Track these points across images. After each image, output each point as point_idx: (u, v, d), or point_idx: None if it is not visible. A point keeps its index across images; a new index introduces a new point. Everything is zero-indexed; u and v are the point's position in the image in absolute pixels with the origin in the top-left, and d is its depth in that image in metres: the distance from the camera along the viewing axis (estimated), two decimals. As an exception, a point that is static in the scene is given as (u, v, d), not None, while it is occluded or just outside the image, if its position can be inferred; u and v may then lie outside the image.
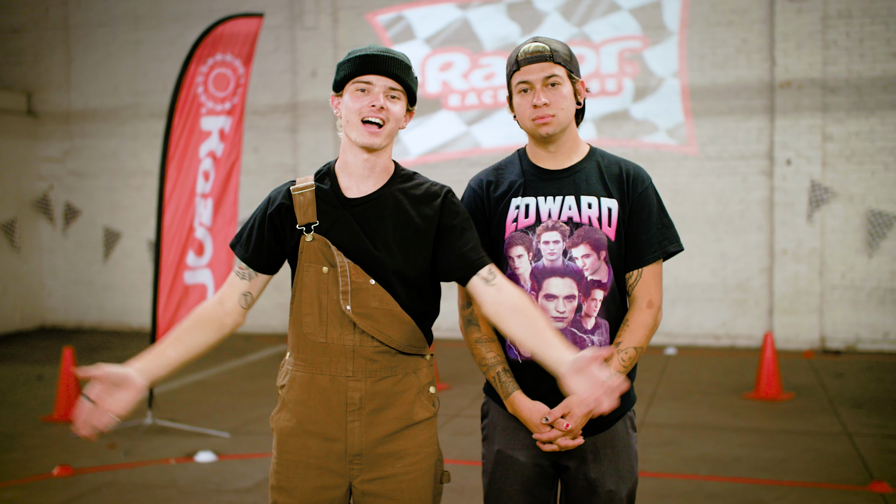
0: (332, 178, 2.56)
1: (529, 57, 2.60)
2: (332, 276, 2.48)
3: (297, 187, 2.55)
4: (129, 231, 12.22)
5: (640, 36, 10.47)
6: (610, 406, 2.22)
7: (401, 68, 2.49)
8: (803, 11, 9.87)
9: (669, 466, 5.66)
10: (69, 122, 12.48)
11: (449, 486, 5.25)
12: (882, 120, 9.81)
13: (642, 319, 2.63)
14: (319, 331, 2.49)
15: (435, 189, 2.58)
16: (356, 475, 2.50)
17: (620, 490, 2.64)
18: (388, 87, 2.47)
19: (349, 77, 2.48)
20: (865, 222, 9.86)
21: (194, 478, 5.54)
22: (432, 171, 11.05)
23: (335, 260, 2.47)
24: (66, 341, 10.91)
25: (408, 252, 2.50)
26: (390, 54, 2.49)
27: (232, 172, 6.88)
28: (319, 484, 2.49)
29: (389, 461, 2.50)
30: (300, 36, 11.38)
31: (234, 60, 6.87)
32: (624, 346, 2.61)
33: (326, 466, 2.50)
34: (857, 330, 9.92)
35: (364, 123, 2.45)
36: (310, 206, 2.51)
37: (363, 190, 2.53)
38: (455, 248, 2.50)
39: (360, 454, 2.49)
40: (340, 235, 2.49)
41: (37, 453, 6.10)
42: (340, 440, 2.49)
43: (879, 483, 5.14)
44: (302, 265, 2.51)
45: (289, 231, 2.53)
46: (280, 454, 2.54)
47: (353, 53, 2.50)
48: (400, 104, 2.50)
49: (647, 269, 2.66)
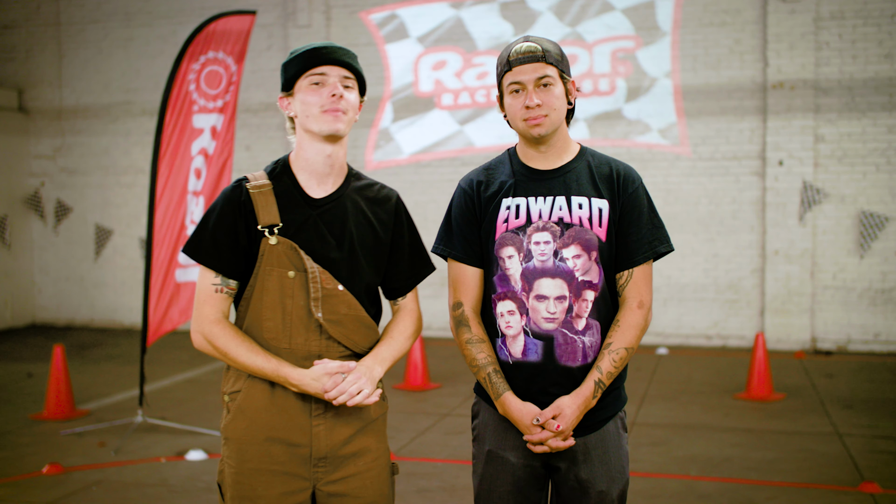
0: (290, 175, 2.50)
1: (522, 57, 2.57)
2: (299, 282, 2.42)
3: (253, 185, 2.46)
4: (121, 228, 12.18)
5: (633, 36, 10.48)
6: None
7: (350, 56, 2.48)
8: (796, 12, 9.89)
9: (661, 466, 5.67)
10: (61, 119, 12.43)
11: (439, 485, 5.25)
12: (874, 121, 9.84)
13: (633, 320, 2.62)
14: (283, 337, 2.43)
15: (385, 192, 2.61)
16: (321, 478, 2.48)
17: (611, 491, 2.63)
18: (343, 76, 2.45)
19: (301, 72, 2.44)
20: (857, 223, 9.88)
21: (185, 476, 5.52)
22: (425, 170, 11.05)
23: (304, 265, 2.41)
24: (56, 339, 10.87)
25: (370, 257, 2.50)
26: (337, 45, 2.48)
27: (224, 170, 6.86)
28: (284, 490, 2.44)
29: (352, 460, 2.50)
30: (293, 34, 11.36)
31: (226, 58, 6.84)
32: (615, 346, 2.60)
33: (291, 472, 2.45)
34: (848, 331, 9.95)
35: (325, 112, 2.43)
36: (271, 206, 2.43)
37: (325, 189, 2.50)
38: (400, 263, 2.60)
39: (325, 457, 2.47)
40: (308, 238, 2.43)
41: (27, 451, 6.07)
42: (305, 445, 2.45)
43: (870, 483, 5.15)
44: (263, 269, 2.42)
45: (251, 232, 2.43)
46: (240, 463, 2.46)
47: (299, 50, 2.47)
48: (354, 93, 2.49)
49: (638, 270, 2.65)
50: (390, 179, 11.15)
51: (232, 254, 2.44)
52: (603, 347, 2.61)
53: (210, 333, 2.43)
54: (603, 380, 2.59)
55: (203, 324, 2.44)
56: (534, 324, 2.59)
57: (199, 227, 2.47)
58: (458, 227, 2.71)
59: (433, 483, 5.32)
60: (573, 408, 2.55)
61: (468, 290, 2.70)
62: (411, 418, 6.90)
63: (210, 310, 2.45)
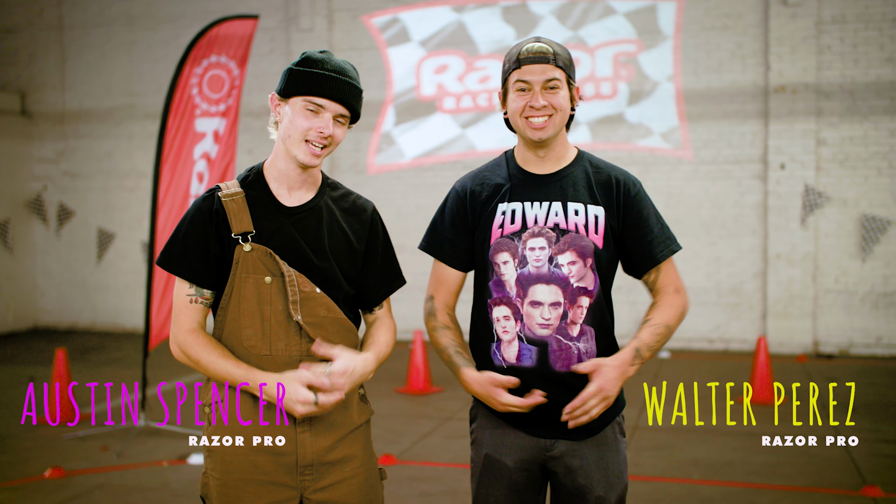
0: (263, 183, 2.50)
1: (532, 57, 2.56)
2: (276, 287, 2.41)
3: (225, 193, 2.46)
4: (123, 232, 12.20)
5: (634, 40, 10.48)
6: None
7: (353, 95, 2.44)
8: (798, 16, 9.89)
9: (663, 470, 5.66)
10: (63, 123, 12.45)
11: (441, 489, 5.25)
12: (875, 125, 9.83)
13: (672, 300, 2.62)
14: (262, 343, 2.42)
15: (361, 202, 2.61)
16: (308, 486, 2.46)
17: (609, 496, 2.62)
18: (339, 114, 2.43)
19: (300, 92, 2.41)
20: (859, 227, 9.88)
21: (187, 480, 5.52)
22: (427, 173, 11.06)
23: (280, 269, 2.41)
24: (58, 343, 10.87)
25: (343, 263, 2.50)
26: (346, 77, 2.42)
27: (226, 174, 6.87)
28: (271, 500, 2.43)
29: (338, 467, 2.49)
30: (295, 38, 11.37)
31: (228, 62, 6.86)
32: (655, 321, 2.58)
33: (277, 481, 2.43)
34: (850, 334, 9.94)
35: (307, 143, 2.42)
36: (243, 214, 2.43)
37: (297, 198, 2.50)
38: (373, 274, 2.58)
39: (310, 464, 2.45)
40: (282, 244, 2.43)
41: (29, 455, 6.08)
42: (291, 453, 2.44)
43: (872, 487, 5.15)
44: (239, 276, 2.41)
45: (225, 241, 2.43)
46: (225, 474, 2.43)
47: (309, 67, 2.41)
48: (343, 129, 2.47)
49: (664, 264, 2.66)
50: (392, 183, 11.16)
51: (204, 263, 2.43)
52: (642, 323, 2.60)
53: (184, 343, 2.42)
54: (643, 350, 2.54)
55: (178, 334, 2.44)
56: (528, 329, 2.59)
57: (171, 239, 2.48)
58: (445, 229, 2.72)
59: (435, 487, 5.32)
60: (611, 367, 2.49)
61: (443, 288, 2.73)
62: (413, 422, 6.90)
63: (185, 320, 2.44)
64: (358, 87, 2.47)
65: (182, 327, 2.44)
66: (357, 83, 2.47)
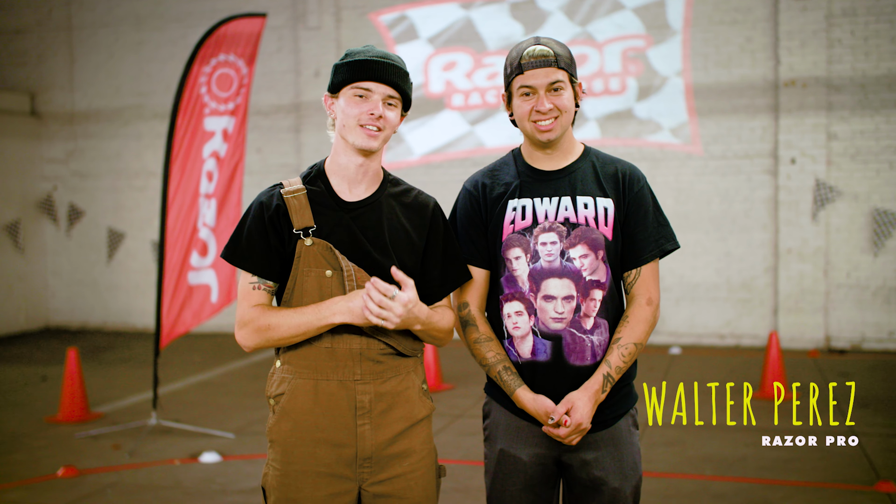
0: (324, 180, 2.54)
1: (534, 61, 2.56)
2: (336, 280, 2.45)
3: (287, 190, 2.50)
4: (133, 232, 12.23)
5: (643, 35, 10.45)
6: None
7: (399, 76, 2.48)
8: (807, 10, 9.84)
9: (675, 466, 5.65)
10: (72, 123, 12.49)
11: (453, 486, 5.25)
12: (887, 118, 9.78)
13: (642, 315, 2.63)
14: (325, 336, 2.47)
15: (423, 198, 2.61)
16: (366, 478, 2.49)
17: (624, 488, 2.63)
18: (387, 95, 2.46)
19: (347, 81, 2.46)
20: (870, 221, 9.83)
21: (199, 478, 5.54)
22: (436, 171, 11.05)
23: (339, 263, 2.45)
24: (70, 342, 10.92)
25: (403, 258, 2.51)
26: (389, 60, 2.46)
27: (235, 173, 6.87)
28: (330, 492, 2.46)
29: (397, 461, 2.51)
30: (303, 36, 11.38)
31: (237, 61, 6.86)
32: (624, 341, 2.60)
33: (337, 473, 2.47)
34: (862, 329, 9.90)
35: (361, 127, 2.45)
36: (305, 210, 2.47)
37: (358, 194, 2.53)
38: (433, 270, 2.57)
39: (370, 457, 2.48)
40: (342, 239, 2.47)
41: (41, 454, 6.10)
42: (350, 445, 2.47)
43: (886, 483, 5.12)
44: (300, 270, 2.46)
45: (286, 236, 2.48)
46: (285, 465, 2.48)
47: (352, 56, 2.47)
48: (396, 111, 2.50)
49: (646, 268, 2.66)
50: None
51: (266, 256, 2.49)
52: (612, 342, 2.61)
53: (251, 318, 2.46)
54: (612, 374, 2.58)
55: (244, 314, 2.48)
56: (542, 324, 2.59)
57: (234, 232, 2.54)
58: (463, 229, 2.72)
59: (447, 484, 5.31)
60: (584, 400, 2.55)
61: (474, 291, 2.71)
62: (424, 419, 6.89)
63: (249, 303, 2.49)
64: (403, 69, 2.50)
65: (246, 308, 2.48)
66: (401, 65, 2.50)
